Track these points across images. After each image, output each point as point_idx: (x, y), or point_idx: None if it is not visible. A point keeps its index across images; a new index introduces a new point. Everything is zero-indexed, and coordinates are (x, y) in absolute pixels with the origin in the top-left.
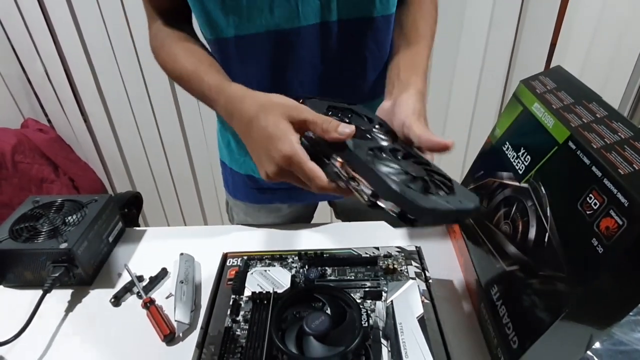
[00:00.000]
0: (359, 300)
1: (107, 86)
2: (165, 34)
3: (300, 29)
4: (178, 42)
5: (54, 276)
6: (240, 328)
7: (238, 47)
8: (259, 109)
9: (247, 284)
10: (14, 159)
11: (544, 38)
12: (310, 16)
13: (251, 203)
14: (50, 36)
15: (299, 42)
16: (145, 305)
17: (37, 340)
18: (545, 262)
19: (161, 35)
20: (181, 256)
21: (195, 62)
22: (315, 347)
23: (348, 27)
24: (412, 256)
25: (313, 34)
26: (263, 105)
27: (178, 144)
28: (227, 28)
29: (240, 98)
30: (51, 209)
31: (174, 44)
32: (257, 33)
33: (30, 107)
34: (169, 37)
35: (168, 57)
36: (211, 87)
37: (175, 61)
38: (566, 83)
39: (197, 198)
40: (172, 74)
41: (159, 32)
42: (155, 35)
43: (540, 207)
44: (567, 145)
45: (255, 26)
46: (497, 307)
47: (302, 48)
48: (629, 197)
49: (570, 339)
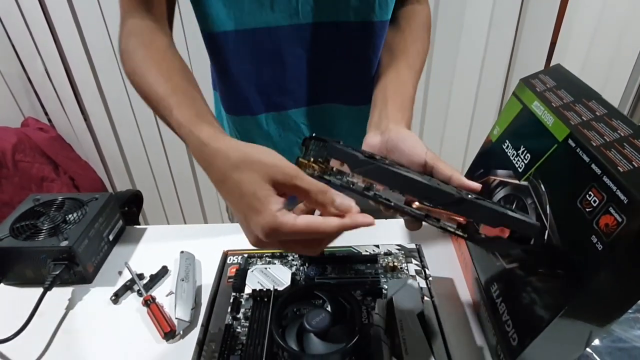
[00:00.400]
0: (359, 298)
1: (108, 85)
2: (138, 41)
3: (298, 27)
4: (153, 54)
5: (54, 274)
6: (241, 325)
7: (236, 41)
8: (233, 168)
9: (247, 282)
10: (15, 158)
11: (544, 37)
12: (310, 15)
13: None
14: (50, 35)
15: (297, 40)
16: (146, 303)
17: (37, 338)
18: (545, 260)
19: (134, 42)
20: (182, 254)
21: (167, 87)
22: (316, 344)
23: (347, 30)
24: (412, 254)
25: (311, 33)
26: (237, 165)
27: (178, 142)
28: (227, 21)
29: (212, 151)
30: (52, 207)
31: (147, 57)
32: (256, 28)
33: (30, 106)
34: (144, 46)
35: (138, 69)
36: (180, 125)
37: (144, 77)
38: (566, 81)
39: (197, 196)
40: (139, 89)
41: (132, 36)
42: (128, 35)
43: (540, 205)
44: (567, 143)
45: (255, 21)
46: (497, 305)
47: (299, 46)
48: (628, 195)
49: (570, 336)
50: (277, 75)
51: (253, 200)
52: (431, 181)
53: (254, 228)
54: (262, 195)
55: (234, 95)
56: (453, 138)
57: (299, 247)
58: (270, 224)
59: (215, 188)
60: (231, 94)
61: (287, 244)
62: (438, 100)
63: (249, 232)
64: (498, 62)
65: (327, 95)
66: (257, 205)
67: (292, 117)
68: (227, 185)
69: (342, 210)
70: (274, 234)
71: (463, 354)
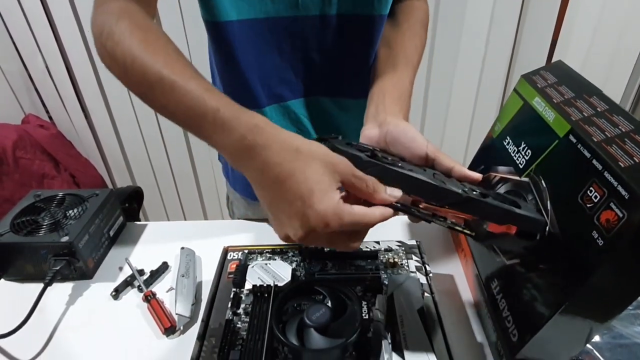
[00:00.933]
0: (360, 294)
1: (108, 82)
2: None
3: (299, 18)
4: (160, 36)
5: (55, 269)
6: (241, 321)
7: (239, 31)
8: (297, 154)
9: (247, 278)
10: (15, 155)
11: (545, 35)
12: (310, 8)
13: (251, 199)
14: (51, 32)
15: (297, 31)
16: (146, 299)
17: (38, 333)
18: (545, 256)
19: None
20: (182, 250)
21: (188, 72)
22: (316, 339)
23: (347, 23)
24: (412, 250)
25: (312, 25)
26: (301, 151)
27: (178, 139)
28: (230, 11)
29: (270, 135)
30: (52, 202)
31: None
32: (256, 18)
33: (31, 103)
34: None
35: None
36: (220, 110)
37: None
38: (567, 77)
39: (197, 193)
40: (133, 73)
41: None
42: (114, 17)
43: (541, 201)
44: (568, 138)
45: (255, 11)
46: (497, 301)
47: (299, 38)
48: (629, 190)
49: (570, 332)
50: (276, 65)
51: (317, 186)
52: (436, 178)
53: (310, 214)
54: (327, 182)
55: (240, 88)
56: (454, 134)
57: (343, 238)
58: (335, 209)
59: (261, 170)
60: (236, 87)
61: (334, 236)
62: (439, 96)
63: (297, 223)
64: (499, 59)
65: (324, 88)
66: (321, 191)
67: (292, 109)
68: (284, 168)
69: (394, 197)
70: (335, 220)
71: (463, 350)
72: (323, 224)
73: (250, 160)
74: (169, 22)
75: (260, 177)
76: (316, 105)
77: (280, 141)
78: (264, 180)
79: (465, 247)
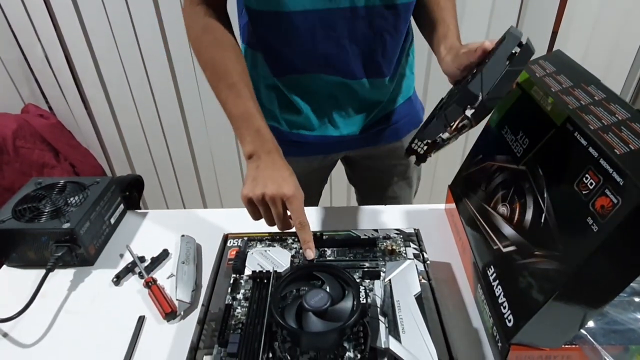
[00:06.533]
0: (358, 280)
1: (107, 71)
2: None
3: (332, 10)
4: (229, 45)
5: (56, 255)
6: (241, 306)
7: (281, 21)
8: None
9: (247, 264)
10: (15, 144)
11: (546, 26)
12: (342, 0)
13: None
14: (50, 21)
15: (331, 22)
16: (147, 285)
17: (40, 318)
18: (541, 242)
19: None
20: (182, 238)
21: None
22: (314, 322)
23: (374, 12)
24: (410, 238)
25: (343, 16)
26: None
27: (178, 128)
28: (275, 2)
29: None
30: (53, 190)
31: (226, 44)
32: (295, 11)
33: (30, 93)
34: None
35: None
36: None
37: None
38: (566, 67)
39: (196, 182)
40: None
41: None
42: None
43: (538, 189)
44: (565, 127)
45: (295, 4)
46: (494, 287)
47: (331, 29)
48: (624, 176)
49: (564, 317)
50: (308, 52)
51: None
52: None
53: (280, 181)
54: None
55: (277, 59)
56: None
57: (269, 213)
58: (297, 190)
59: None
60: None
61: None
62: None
63: (260, 187)
64: None
65: (352, 69)
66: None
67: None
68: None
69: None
70: (293, 196)
71: (459, 335)
72: (282, 194)
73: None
74: None
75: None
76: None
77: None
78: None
79: (463, 236)
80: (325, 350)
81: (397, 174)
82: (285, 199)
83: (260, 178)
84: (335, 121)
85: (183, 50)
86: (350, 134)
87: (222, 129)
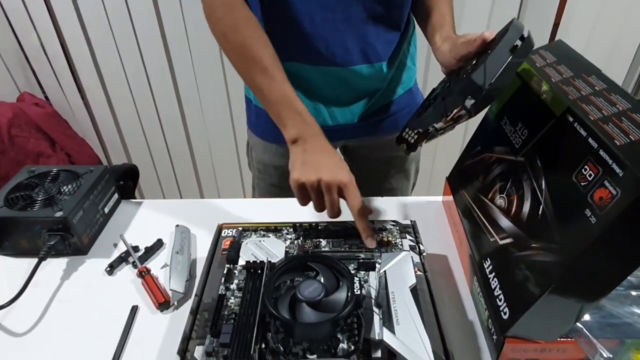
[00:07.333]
0: (353, 271)
1: (104, 60)
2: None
3: None
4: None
5: (49, 244)
6: (234, 296)
7: (280, 5)
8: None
9: (241, 254)
10: (10, 133)
11: (547, 18)
12: None
13: (269, 142)
14: (46, 8)
15: (329, 5)
16: (141, 274)
17: (32, 307)
18: (538, 235)
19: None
20: (177, 228)
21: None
22: (308, 313)
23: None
24: (407, 230)
25: (344, 2)
26: None
27: (175, 118)
28: None
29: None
30: (46, 178)
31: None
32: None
33: (26, 81)
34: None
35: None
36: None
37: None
38: (566, 57)
39: (193, 172)
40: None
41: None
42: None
43: (536, 181)
44: (565, 117)
45: None
46: (490, 280)
47: (330, 11)
48: (624, 167)
49: (560, 310)
50: (317, 34)
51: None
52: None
53: (334, 167)
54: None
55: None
56: None
57: (323, 199)
58: (352, 176)
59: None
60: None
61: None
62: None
63: (314, 173)
64: None
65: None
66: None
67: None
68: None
69: None
70: (350, 183)
71: (455, 327)
72: (338, 180)
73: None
74: None
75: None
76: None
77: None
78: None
79: (460, 228)
80: (318, 342)
81: (395, 166)
82: (342, 185)
83: (311, 163)
84: (332, 110)
85: (180, 38)
86: (348, 123)
87: (219, 118)
